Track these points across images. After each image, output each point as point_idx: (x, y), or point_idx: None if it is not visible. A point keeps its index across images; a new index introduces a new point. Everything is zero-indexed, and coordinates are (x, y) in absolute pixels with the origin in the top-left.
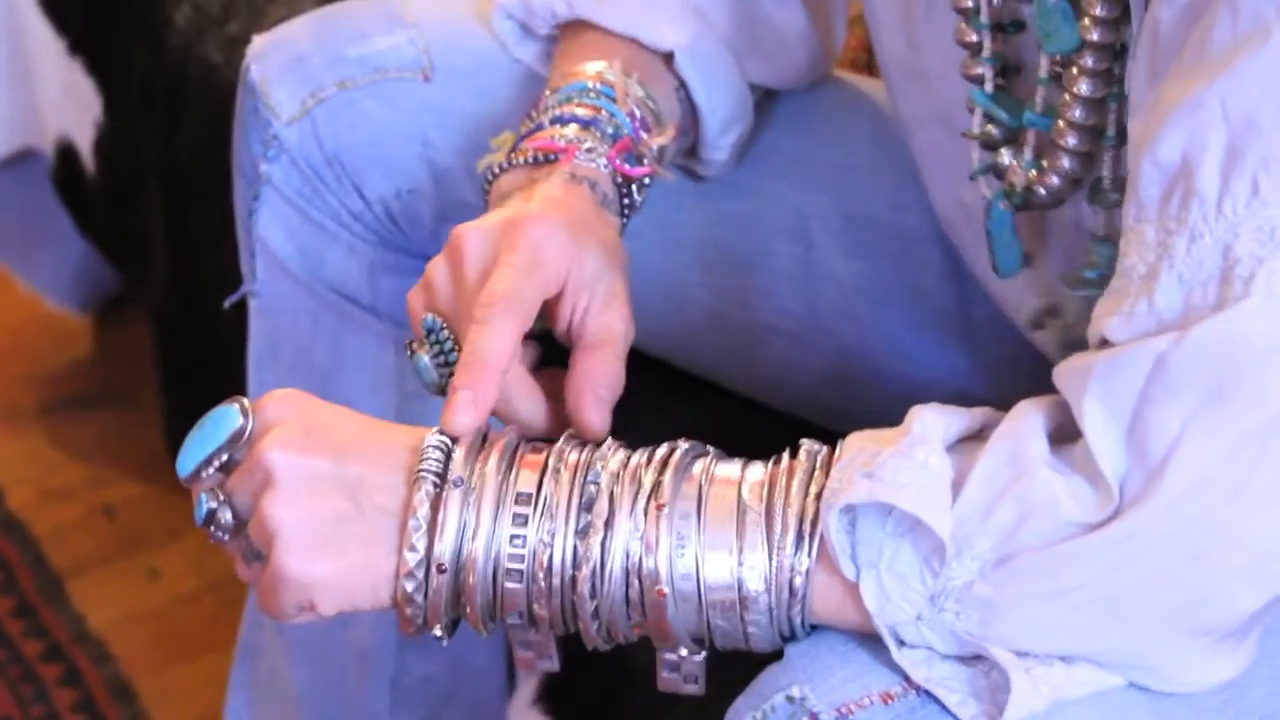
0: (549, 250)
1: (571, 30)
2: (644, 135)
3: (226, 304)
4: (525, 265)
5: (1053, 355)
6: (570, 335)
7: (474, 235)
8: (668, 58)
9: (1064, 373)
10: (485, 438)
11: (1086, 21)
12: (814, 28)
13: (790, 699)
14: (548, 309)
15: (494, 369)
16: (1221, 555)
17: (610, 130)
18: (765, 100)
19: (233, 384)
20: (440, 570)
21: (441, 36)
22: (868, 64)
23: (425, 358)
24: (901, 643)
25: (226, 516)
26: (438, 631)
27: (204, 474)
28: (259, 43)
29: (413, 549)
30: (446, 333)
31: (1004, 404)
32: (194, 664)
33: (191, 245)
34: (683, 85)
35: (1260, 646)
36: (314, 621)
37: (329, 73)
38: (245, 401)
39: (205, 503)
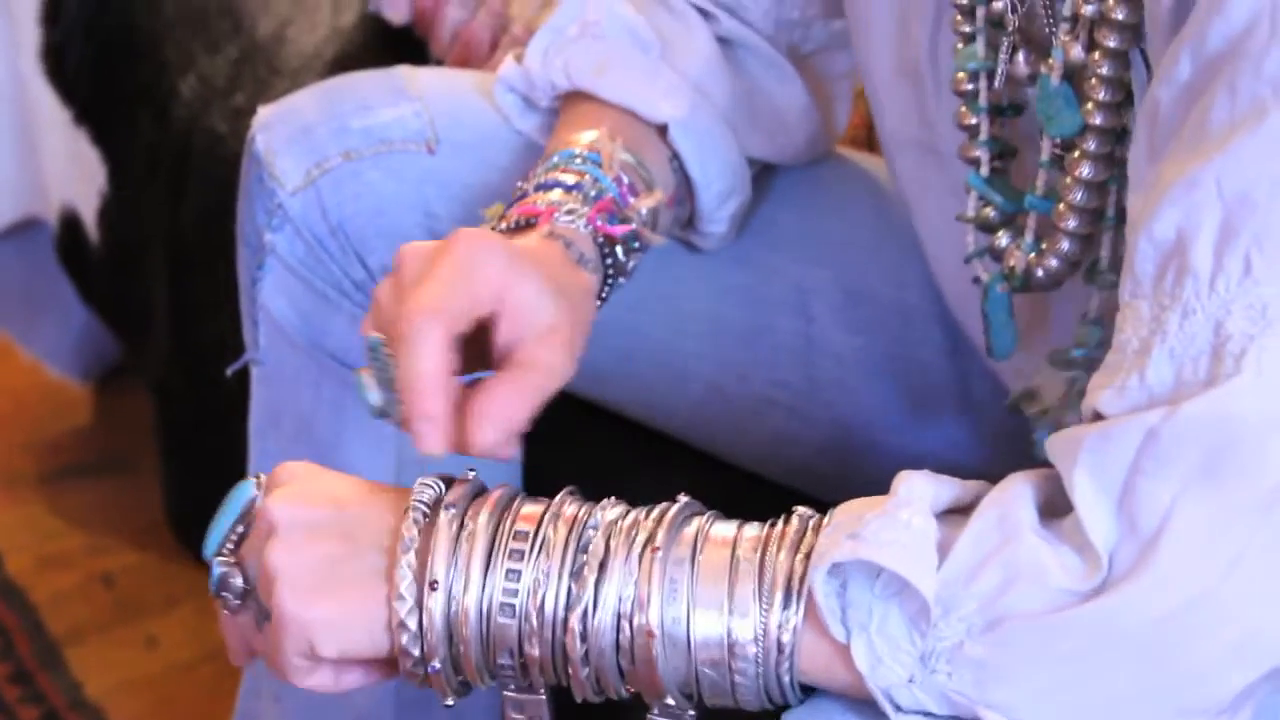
0: (482, 265)
1: (571, 101)
2: (631, 200)
3: (229, 372)
4: (452, 276)
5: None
6: (501, 361)
7: (414, 251)
8: (663, 129)
9: (1055, 443)
10: (484, 488)
11: (1089, 106)
12: (815, 106)
13: None
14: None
15: (431, 388)
16: (1214, 631)
17: (594, 194)
18: (766, 174)
19: (233, 453)
20: (433, 587)
21: (445, 109)
22: (867, 140)
23: (364, 377)
24: (898, 708)
25: (237, 581)
26: (449, 701)
27: (225, 549)
28: (265, 113)
29: (402, 573)
30: (387, 350)
31: (1000, 478)
32: None
33: (193, 314)
34: (677, 157)
35: None
36: (316, 689)
37: (334, 143)
38: (261, 476)
39: (217, 568)
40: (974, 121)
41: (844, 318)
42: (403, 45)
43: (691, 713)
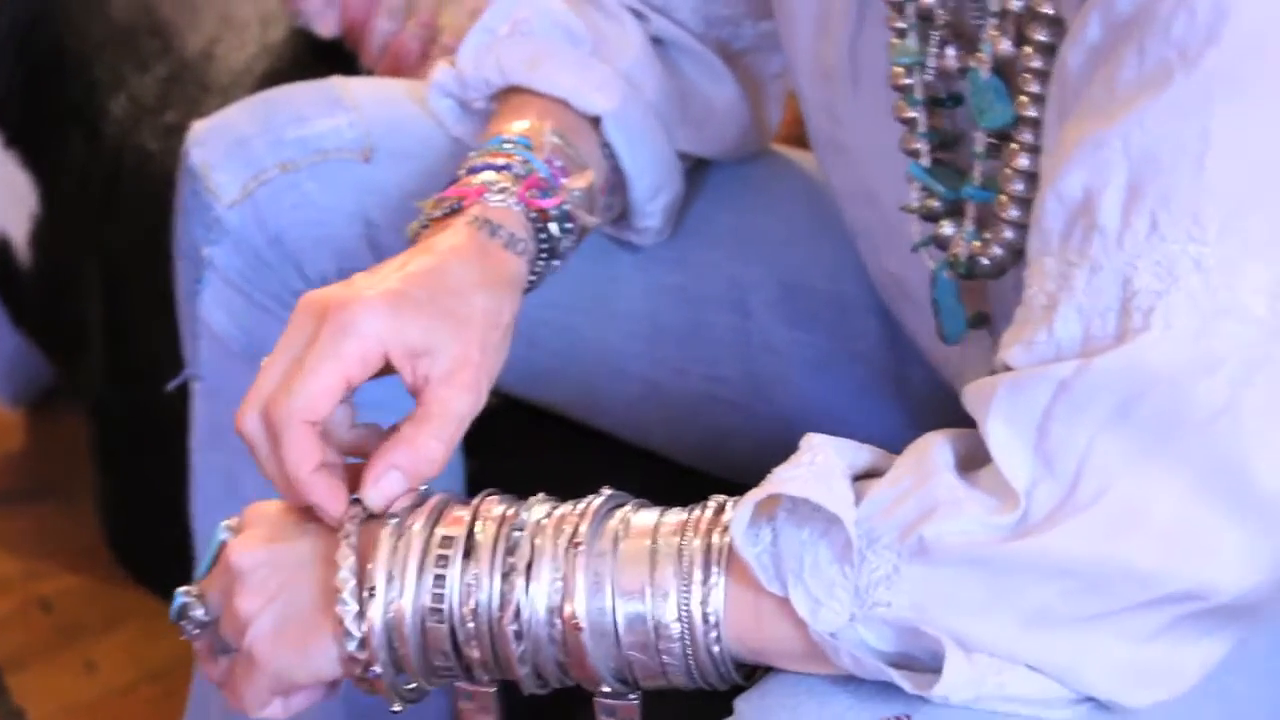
0: (356, 333)
1: (504, 97)
2: (563, 180)
3: (170, 387)
4: (318, 363)
5: None
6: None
7: (300, 307)
8: (596, 122)
9: (970, 393)
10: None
11: (1023, 98)
12: (746, 104)
13: None
14: None
15: (306, 486)
16: (1150, 575)
17: (523, 173)
18: (700, 172)
19: (169, 472)
20: (370, 594)
21: (380, 118)
22: (799, 138)
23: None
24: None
25: (199, 613)
26: (396, 707)
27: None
28: (199, 128)
29: (342, 602)
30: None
31: None
32: None
33: (128, 333)
34: (610, 150)
35: (1206, 685)
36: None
37: (270, 155)
38: (234, 520)
39: (179, 598)
40: (912, 114)
41: (781, 312)
42: (333, 58)
43: (633, 696)
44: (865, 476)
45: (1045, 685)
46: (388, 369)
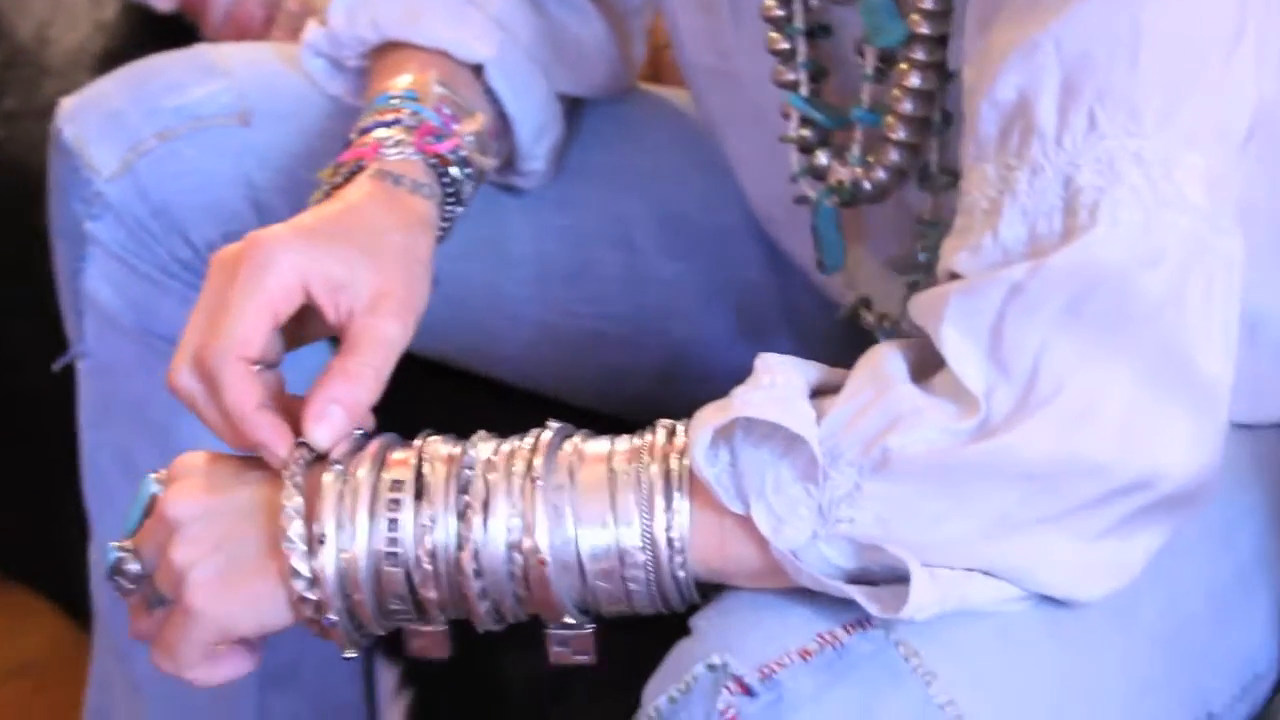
0: (272, 268)
1: (381, 54)
2: (454, 126)
3: (56, 367)
4: (240, 299)
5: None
6: (340, 334)
7: (215, 265)
8: (477, 70)
9: (920, 303)
10: (364, 442)
11: (914, 16)
12: (613, 40)
13: (711, 667)
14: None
15: (248, 422)
16: (1104, 466)
17: (414, 124)
18: (575, 114)
19: (35, 464)
20: (320, 542)
21: (255, 81)
22: (653, 76)
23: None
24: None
25: (133, 567)
26: (350, 653)
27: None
28: (68, 104)
29: (289, 540)
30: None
31: None
32: None
33: None
34: (493, 97)
35: (1145, 570)
36: (194, 680)
37: (147, 125)
38: (161, 472)
39: (112, 553)
40: (787, 45)
41: (664, 245)
42: (172, 33)
43: (589, 625)
44: (819, 394)
45: (1002, 589)
46: (307, 332)
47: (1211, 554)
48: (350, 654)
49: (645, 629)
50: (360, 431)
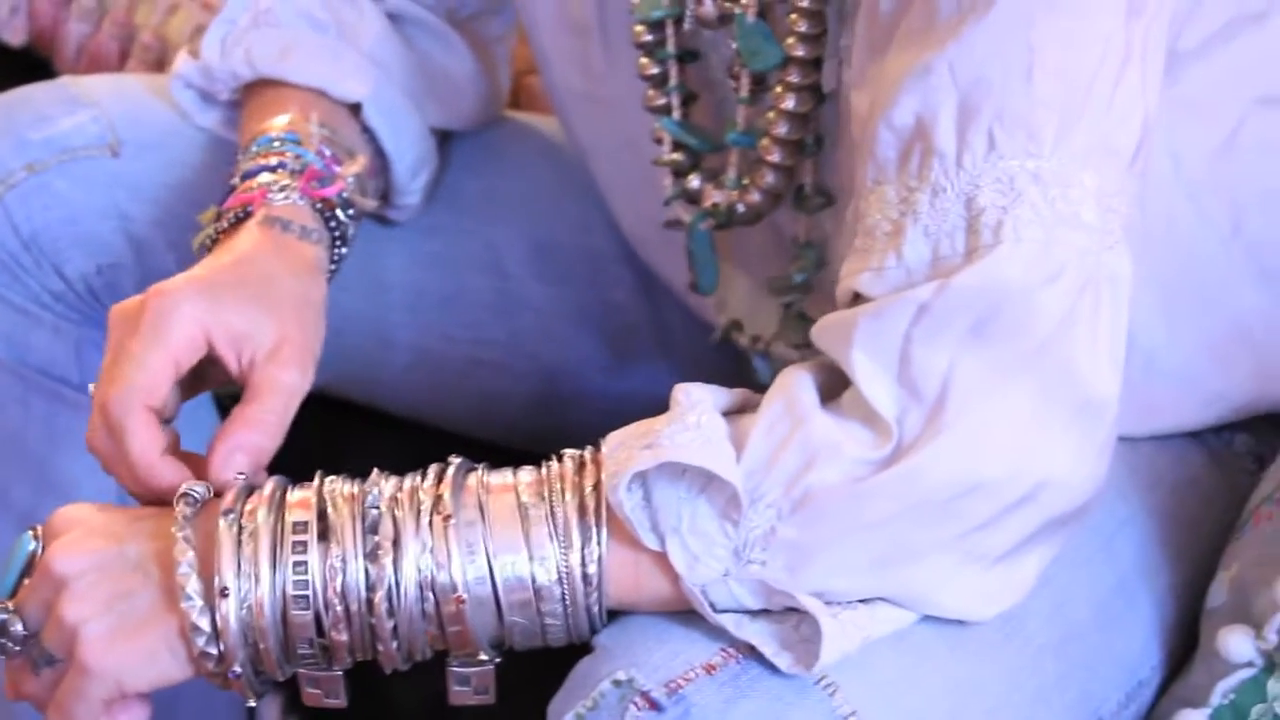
0: (173, 320)
1: (255, 90)
2: (336, 169)
3: None
4: (142, 349)
5: (749, 362)
6: (240, 383)
7: (115, 317)
8: (354, 108)
9: (825, 328)
10: (250, 490)
11: (790, 40)
12: (480, 70)
13: (617, 683)
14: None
15: (149, 471)
16: (1000, 483)
17: (299, 168)
18: (445, 142)
19: None
20: (223, 595)
21: (123, 112)
22: (514, 103)
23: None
24: (714, 608)
25: (17, 628)
26: (252, 702)
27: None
28: None
29: (188, 598)
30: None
31: None
32: None
33: None
34: (369, 134)
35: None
36: None
37: (15, 157)
38: (38, 528)
39: None
40: (658, 70)
41: (536, 270)
42: (25, 68)
43: (497, 659)
44: (729, 414)
45: (901, 616)
46: (202, 383)
47: (1093, 563)
48: (252, 703)
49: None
50: (242, 476)
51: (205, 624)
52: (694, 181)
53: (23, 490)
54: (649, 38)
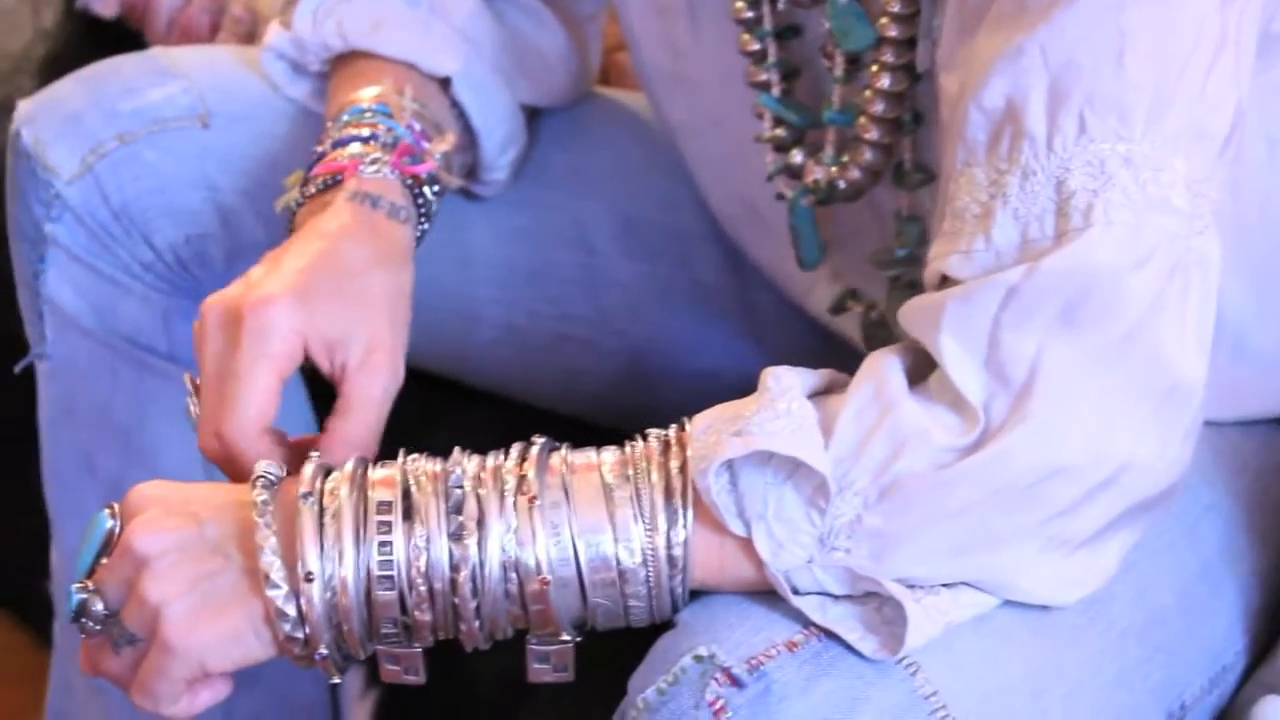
0: (275, 338)
1: (345, 61)
2: (425, 145)
3: (17, 369)
4: (248, 371)
5: (854, 337)
6: (335, 385)
7: (211, 317)
8: (443, 83)
9: (912, 310)
10: (330, 467)
11: (883, 20)
12: (573, 48)
13: (698, 659)
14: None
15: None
16: (1089, 469)
17: (391, 141)
18: (534, 117)
19: None
20: (308, 579)
21: (213, 83)
22: (604, 80)
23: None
24: (796, 591)
25: (98, 607)
26: (335, 677)
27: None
28: (26, 107)
29: (272, 585)
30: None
31: None
32: None
33: None
34: (459, 110)
35: (1121, 562)
36: (174, 715)
37: (106, 128)
38: (115, 506)
39: (76, 595)
40: (758, 46)
41: (623, 246)
42: (116, 39)
43: (578, 638)
44: (816, 395)
45: (983, 600)
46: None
47: (1177, 548)
48: (336, 680)
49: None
50: (316, 454)
51: (291, 609)
52: (796, 157)
53: (110, 459)
54: (749, 14)
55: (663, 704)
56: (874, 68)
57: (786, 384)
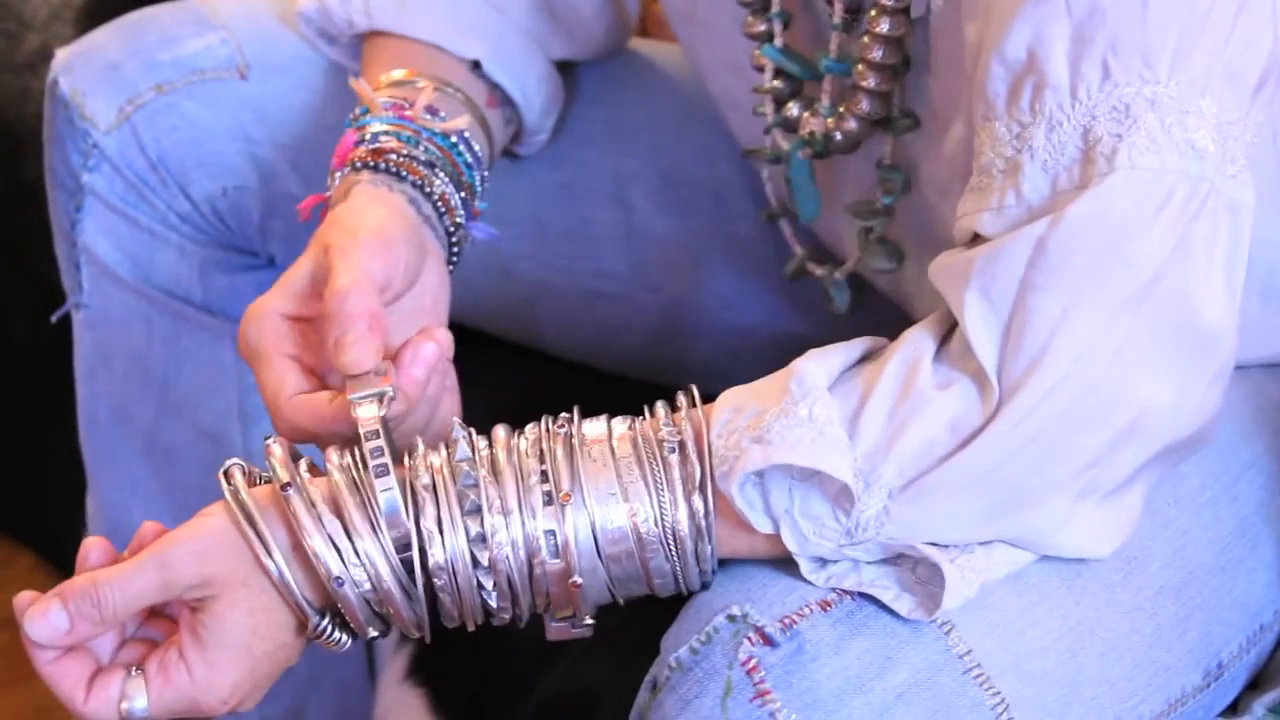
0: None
1: (376, 38)
2: (474, 172)
3: (54, 319)
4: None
5: (887, 290)
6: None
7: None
8: (474, 63)
9: (942, 267)
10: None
11: None
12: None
13: (731, 618)
14: None
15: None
16: (1107, 417)
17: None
18: (570, 73)
19: (18, 413)
20: (339, 586)
21: (251, 35)
22: (641, 30)
23: None
24: (825, 562)
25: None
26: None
27: None
28: (64, 56)
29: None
30: None
31: (827, 340)
32: None
33: None
34: (499, 89)
35: (1153, 522)
36: None
37: (144, 78)
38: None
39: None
40: None
41: (660, 202)
42: None
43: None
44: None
45: (1018, 557)
46: None
47: (1216, 505)
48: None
49: None
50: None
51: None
52: (792, 110)
53: (144, 408)
54: None
55: (696, 662)
56: (873, 12)
57: (810, 384)
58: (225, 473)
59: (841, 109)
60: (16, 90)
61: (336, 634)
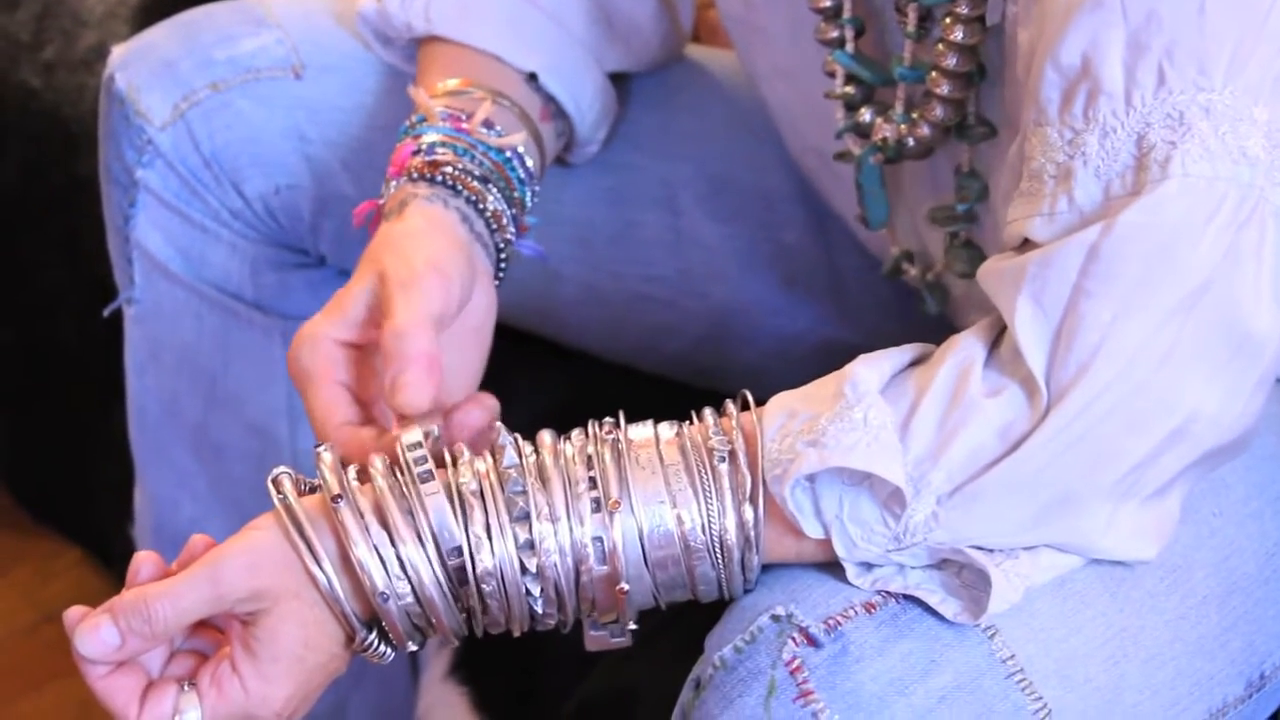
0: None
1: (434, 43)
2: (526, 188)
3: (106, 313)
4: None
5: (920, 296)
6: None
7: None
8: (530, 75)
9: (993, 272)
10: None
11: None
12: (663, 10)
13: (776, 618)
14: None
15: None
16: (1153, 421)
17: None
18: (622, 79)
19: (71, 409)
20: (384, 601)
21: (307, 35)
22: (695, 37)
23: None
24: (870, 566)
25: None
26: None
27: None
28: (120, 52)
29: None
30: None
31: (873, 346)
32: (43, 692)
33: (21, 272)
34: (553, 100)
35: (1197, 532)
36: None
37: (199, 76)
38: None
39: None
40: (830, 3)
41: (709, 207)
42: None
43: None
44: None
45: (1064, 561)
46: None
47: (1262, 517)
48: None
49: None
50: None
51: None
52: (865, 115)
53: (193, 402)
54: None
55: (739, 662)
56: (947, 20)
57: (863, 390)
58: (274, 480)
59: (915, 115)
60: (73, 86)
61: (381, 647)
